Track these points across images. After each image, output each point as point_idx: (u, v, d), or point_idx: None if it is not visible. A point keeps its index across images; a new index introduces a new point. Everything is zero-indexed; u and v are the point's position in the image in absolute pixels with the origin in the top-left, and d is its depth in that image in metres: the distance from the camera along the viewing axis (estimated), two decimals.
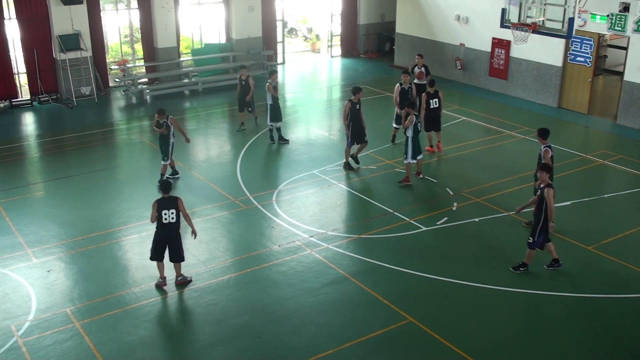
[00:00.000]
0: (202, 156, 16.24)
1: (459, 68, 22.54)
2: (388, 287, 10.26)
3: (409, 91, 15.84)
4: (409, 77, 16.02)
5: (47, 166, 15.55)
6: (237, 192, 13.70)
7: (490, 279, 10.49)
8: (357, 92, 14.40)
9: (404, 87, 15.82)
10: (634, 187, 14.11)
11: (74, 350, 8.79)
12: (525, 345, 8.97)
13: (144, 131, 18.16)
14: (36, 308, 9.69)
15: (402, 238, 11.83)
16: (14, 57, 20.24)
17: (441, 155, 15.75)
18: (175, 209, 9.96)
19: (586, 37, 18.45)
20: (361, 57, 27.16)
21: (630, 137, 17.25)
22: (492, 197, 13.45)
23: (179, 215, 10.02)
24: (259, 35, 24.38)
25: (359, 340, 8.99)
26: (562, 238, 11.76)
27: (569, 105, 19.62)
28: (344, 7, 26.83)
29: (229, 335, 9.10)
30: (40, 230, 12.03)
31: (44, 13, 19.97)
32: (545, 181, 10.19)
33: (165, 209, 9.92)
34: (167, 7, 22.03)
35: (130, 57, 23.84)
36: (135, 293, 10.09)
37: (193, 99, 21.33)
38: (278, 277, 10.57)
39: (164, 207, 9.94)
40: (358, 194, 13.59)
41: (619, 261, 11.00)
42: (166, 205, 9.94)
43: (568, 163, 15.03)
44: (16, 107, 19.86)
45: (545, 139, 11.72)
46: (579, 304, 9.89)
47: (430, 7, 23.36)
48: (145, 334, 9.13)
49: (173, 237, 10.07)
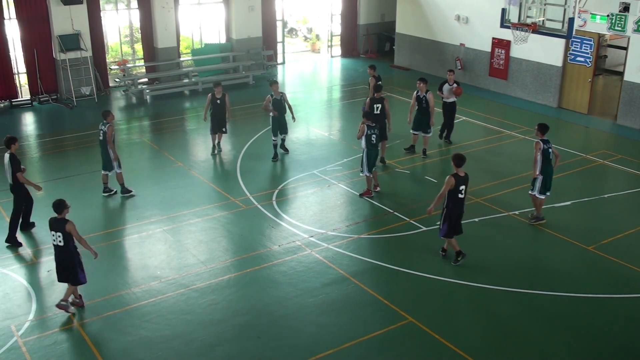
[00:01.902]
0: (202, 156, 16.23)
1: (459, 68, 22.54)
2: (388, 287, 10.26)
3: (424, 99, 15.20)
4: (424, 85, 15.14)
5: (47, 166, 15.55)
6: (237, 192, 13.70)
7: (490, 279, 10.49)
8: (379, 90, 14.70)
9: (419, 95, 15.23)
10: (634, 187, 14.11)
11: (74, 350, 8.79)
12: (525, 345, 8.97)
13: (144, 131, 18.17)
14: (36, 308, 9.69)
15: (402, 238, 11.83)
16: (14, 57, 20.26)
17: (441, 155, 15.75)
18: (62, 233, 9.14)
19: (586, 37, 18.45)
20: (361, 57, 27.16)
21: (630, 137, 17.25)
22: (492, 197, 13.44)
23: (67, 239, 9.18)
24: (259, 35, 24.39)
25: (359, 340, 8.99)
26: (562, 238, 11.76)
27: (569, 105, 19.62)
28: (344, 7, 26.84)
29: (229, 335, 9.10)
30: (41, 231, 12.02)
31: (44, 13, 19.97)
32: None
33: (52, 231, 9.23)
34: (167, 7, 22.04)
35: (130, 57, 23.84)
36: (135, 293, 10.09)
37: (193, 99, 21.33)
38: (278, 277, 10.57)
39: (51, 228, 9.27)
40: (358, 194, 13.57)
41: (619, 261, 10.99)
42: (53, 227, 9.23)
43: (568, 163, 15.03)
44: (16, 107, 19.87)
45: (543, 134, 11.82)
46: (579, 304, 9.88)
47: (430, 7, 23.36)
48: (145, 334, 9.13)
49: (63, 259, 9.32)
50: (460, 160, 10.47)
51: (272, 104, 14.97)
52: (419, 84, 15.20)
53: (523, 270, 10.91)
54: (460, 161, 10.47)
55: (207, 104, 15.59)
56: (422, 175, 14.58)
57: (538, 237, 11.90)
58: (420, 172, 14.80)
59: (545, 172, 11.86)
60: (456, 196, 10.44)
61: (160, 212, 12.76)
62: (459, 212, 10.63)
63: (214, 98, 15.34)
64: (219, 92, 15.34)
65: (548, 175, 11.91)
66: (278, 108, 15.05)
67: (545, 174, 11.86)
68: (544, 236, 11.89)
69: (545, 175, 11.87)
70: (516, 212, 12.61)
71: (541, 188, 11.97)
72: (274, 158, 15.40)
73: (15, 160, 11.40)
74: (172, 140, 17.20)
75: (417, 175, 14.66)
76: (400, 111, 17.81)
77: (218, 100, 15.34)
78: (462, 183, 10.40)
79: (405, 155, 15.65)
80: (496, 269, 10.87)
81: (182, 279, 10.45)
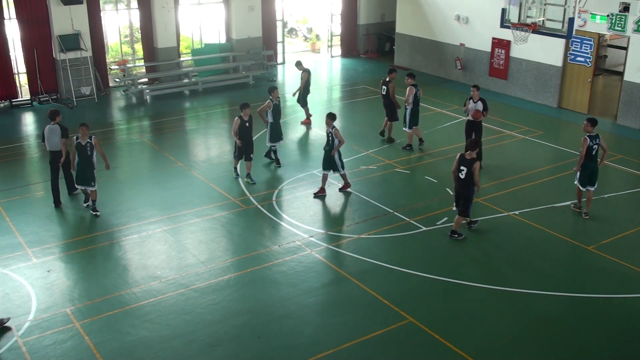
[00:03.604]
0: (202, 156, 16.24)
1: (459, 68, 22.54)
2: (388, 287, 10.26)
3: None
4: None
5: (47, 166, 15.49)
6: (237, 192, 13.70)
7: (490, 279, 10.49)
8: (391, 73, 16.30)
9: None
10: (634, 187, 14.11)
11: (74, 350, 8.79)
12: (525, 345, 8.97)
13: (144, 131, 18.17)
14: (36, 308, 9.69)
15: (402, 238, 11.83)
16: (14, 57, 20.24)
17: (442, 155, 15.75)
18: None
19: (586, 37, 18.45)
20: (361, 57, 27.16)
21: (630, 137, 17.25)
22: (492, 197, 13.44)
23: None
24: (259, 35, 24.39)
25: (359, 340, 8.99)
26: (562, 238, 11.76)
27: (569, 105, 19.62)
28: (344, 7, 26.83)
29: (229, 335, 9.10)
30: (40, 230, 12.03)
31: (44, 13, 19.97)
32: None
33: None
34: (167, 7, 22.04)
35: (130, 57, 23.85)
36: (135, 293, 10.09)
37: (193, 99, 21.33)
38: (278, 277, 10.57)
39: None
40: (358, 194, 13.58)
41: (619, 261, 10.99)
42: None
43: (568, 163, 15.02)
44: (16, 107, 19.87)
45: (593, 128, 12.04)
46: (579, 304, 9.89)
47: (430, 7, 23.36)
48: (145, 334, 9.13)
49: None
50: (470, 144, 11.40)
51: (272, 109, 14.80)
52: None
53: (523, 271, 10.91)
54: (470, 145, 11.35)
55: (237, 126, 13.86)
56: (422, 175, 14.57)
57: (538, 237, 11.90)
58: (420, 172, 14.80)
59: (585, 167, 12.08)
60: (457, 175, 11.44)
61: (160, 212, 12.76)
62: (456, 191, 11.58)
63: (242, 120, 13.79)
64: (247, 115, 13.78)
65: (588, 170, 12.11)
66: (277, 114, 14.88)
67: (584, 168, 12.09)
68: (544, 236, 11.89)
69: (584, 169, 12.10)
70: (516, 212, 12.60)
71: (580, 180, 12.24)
72: (276, 164, 15.15)
73: (63, 129, 12.83)
74: (172, 140, 17.20)
75: (417, 175, 14.66)
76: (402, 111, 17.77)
77: (247, 124, 13.86)
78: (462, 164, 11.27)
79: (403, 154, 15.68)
80: (496, 269, 10.88)
81: (182, 279, 10.46)
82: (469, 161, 11.13)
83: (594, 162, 12.09)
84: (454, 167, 11.37)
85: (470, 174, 11.09)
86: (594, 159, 12.06)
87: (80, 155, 12.36)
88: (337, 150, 13.19)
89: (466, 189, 11.29)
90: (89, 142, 12.32)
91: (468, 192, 11.30)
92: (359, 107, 19.67)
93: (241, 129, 13.82)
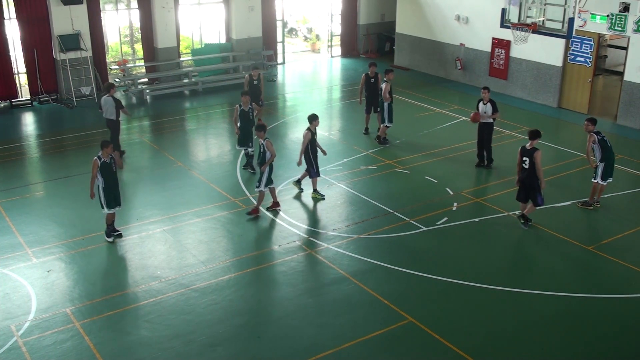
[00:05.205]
0: (202, 156, 16.24)
1: (459, 68, 22.55)
2: (388, 287, 10.26)
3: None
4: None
5: (47, 166, 15.55)
6: (237, 192, 13.70)
7: (490, 279, 10.49)
8: (372, 66, 16.68)
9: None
10: (634, 187, 14.11)
11: (74, 350, 8.79)
12: (524, 345, 8.97)
13: (144, 131, 18.17)
14: (36, 308, 9.69)
15: (402, 238, 11.83)
16: (14, 57, 20.23)
17: (441, 155, 15.76)
18: None
19: (586, 37, 18.45)
20: (361, 57, 27.15)
21: (630, 137, 17.25)
22: (492, 197, 13.44)
23: None
24: (259, 35, 24.38)
25: (359, 340, 8.99)
26: (562, 238, 11.76)
27: (569, 105, 19.62)
28: (344, 7, 26.83)
29: (229, 335, 9.10)
30: (40, 230, 12.03)
31: (44, 13, 19.96)
32: None
33: None
34: (167, 7, 22.04)
35: (130, 57, 23.85)
36: (135, 293, 10.09)
37: (193, 99, 21.33)
38: (278, 277, 10.57)
39: None
40: (358, 194, 13.58)
41: (619, 261, 10.99)
42: None
43: (568, 163, 15.02)
44: (16, 107, 19.86)
45: (594, 126, 12.52)
46: (578, 304, 9.88)
47: (430, 7, 23.36)
48: (145, 334, 9.13)
49: None
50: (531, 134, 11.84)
51: (239, 114, 14.29)
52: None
53: (523, 270, 10.91)
54: (531, 135, 11.81)
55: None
56: (422, 175, 14.57)
57: (538, 237, 11.90)
58: (420, 172, 14.80)
59: (608, 158, 12.45)
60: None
61: (160, 212, 12.77)
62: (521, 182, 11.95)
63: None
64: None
65: (611, 160, 12.52)
66: (245, 120, 14.32)
67: (607, 160, 12.45)
68: (544, 236, 11.89)
69: (607, 161, 12.45)
70: (516, 212, 12.60)
71: (603, 174, 12.53)
72: (246, 166, 14.78)
73: (116, 100, 15.06)
74: (172, 140, 17.20)
75: (417, 175, 14.65)
76: (402, 110, 17.80)
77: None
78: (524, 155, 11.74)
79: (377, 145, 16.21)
80: (496, 269, 10.88)
81: (182, 279, 10.46)
82: (529, 151, 11.63)
83: (612, 153, 12.57)
84: (518, 160, 11.85)
85: (533, 164, 11.57)
86: (610, 149, 12.51)
87: (108, 173, 11.33)
88: (269, 164, 12.35)
89: (531, 179, 11.67)
90: (112, 158, 11.44)
91: (532, 181, 11.68)
92: (359, 107, 19.60)
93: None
